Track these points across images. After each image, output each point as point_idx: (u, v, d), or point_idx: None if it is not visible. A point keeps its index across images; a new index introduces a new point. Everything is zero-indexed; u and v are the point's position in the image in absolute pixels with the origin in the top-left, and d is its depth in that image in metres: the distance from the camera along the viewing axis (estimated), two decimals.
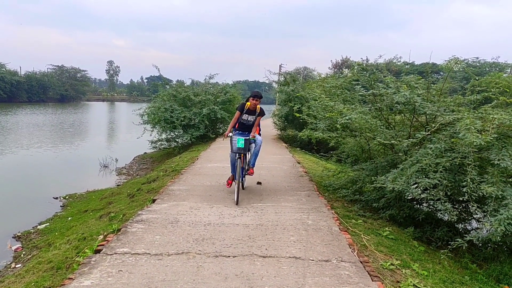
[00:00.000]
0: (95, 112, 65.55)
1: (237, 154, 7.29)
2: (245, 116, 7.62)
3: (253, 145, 7.64)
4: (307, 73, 58.83)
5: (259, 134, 7.91)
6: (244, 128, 7.76)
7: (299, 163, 12.17)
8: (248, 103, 7.49)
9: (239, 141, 7.20)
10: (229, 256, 4.58)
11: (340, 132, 8.41)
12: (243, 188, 7.90)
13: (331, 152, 11.13)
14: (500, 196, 4.99)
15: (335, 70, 62.10)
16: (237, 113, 7.59)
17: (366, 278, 4.17)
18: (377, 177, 6.55)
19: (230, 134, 7.36)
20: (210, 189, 7.95)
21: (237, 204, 6.85)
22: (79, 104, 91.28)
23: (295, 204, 7.05)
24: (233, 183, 7.54)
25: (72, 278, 3.97)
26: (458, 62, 7.38)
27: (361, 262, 4.59)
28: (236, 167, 7.28)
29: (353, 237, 5.55)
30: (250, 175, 7.88)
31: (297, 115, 10.63)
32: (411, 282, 4.31)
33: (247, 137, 7.39)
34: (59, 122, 40.99)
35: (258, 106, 7.56)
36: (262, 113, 7.66)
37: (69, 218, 9.41)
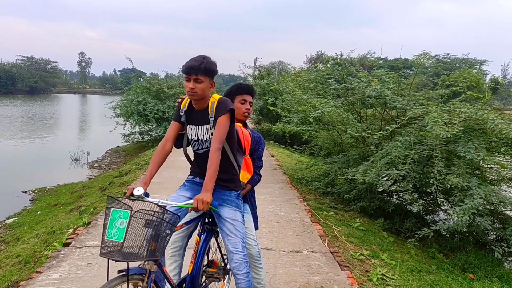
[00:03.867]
0: (66, 105, 64.02)
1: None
2: (191, 133, 2.93)
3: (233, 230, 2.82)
4: (282, 67, 58.94)
5: (257, 176, 3.35)
6: (203, 165, 2.83)
7: (273, 156, 12.23)
8: (187, 99, 2.89)
9: (112, 226, 2.28)
10: None
11: (313, 125, 8.49)
12: None
13: (305, 145, 11.23)
14: (465, 187, 5.14)
15: (310, 64, 62.49)
16: (174, 125, 2.94)
17: (336, 267, 4.25)
18: (349, 169, 6.65)
19: (138, 190, 2.55)
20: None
21: None
22: (49, 97, 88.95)
23: (268, 197, 7.09)
24: None
25: (40, 272, 3.91)
26: (427, 57, 7.54)
27: (331, 252, 4.67)
28: None
29: (324, 228, 5.63)
30: None
31: (271, 108, 10.68)
32: (379, 271, 4.41)
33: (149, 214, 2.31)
34: (29, 114, 39.89)
35: (216, 96, 2.84)
36: (222, 110, 2.73)
37: (39, 212, 9.20)
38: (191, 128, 2.90)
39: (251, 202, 3.35)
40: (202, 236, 2.87)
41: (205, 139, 2.86)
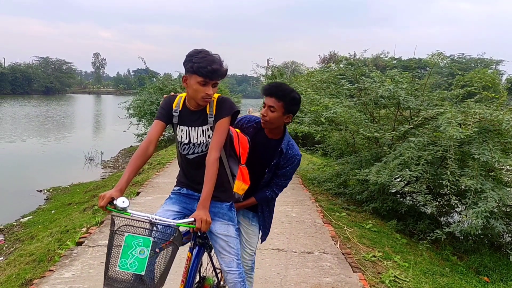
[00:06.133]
0: (81, 105, 64.80)
1: None
2: (182, 134, 2.57)
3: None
4: (295, 68, 58.81)
5: (270, 192, 2.99)
6: (192, 174, 2.68)
7: None
8: (182, 95, 2.57)
9: (126, 255, 2.04)
10: None
11: (325, 126, 8.45)
12: None
13: (317, 146, 11.19)
14: (479, 190, 5.07)
15: (323, 64, 62.17)
16: (159, 125, 2.53)
17: (348, 269, 4.22)
18: (361, 170, 6.61)
19: (123, 202, 2.12)
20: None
21: None
22: (64, 97, 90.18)
23: (280, 197, 6.97)
24: None
25: (53, 270, 3.96)
26: (442, 57, 7.45)
27: (343, 254, 4.64)
28: None
29: (336, 229, 5.60)
30: None
31: None
32: (392, 273, 4.37)
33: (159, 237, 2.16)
34: (47, 114, 40.42)
35: (216, 95, 2.49)
36: (224, 112, 2.46)
37: (53, 211, 9.31)
38: (181, 130, 2.56)
39: (263, 213, 3.00)
40: (193, 251, 2.49)
41: (198, 142, 2.53)
